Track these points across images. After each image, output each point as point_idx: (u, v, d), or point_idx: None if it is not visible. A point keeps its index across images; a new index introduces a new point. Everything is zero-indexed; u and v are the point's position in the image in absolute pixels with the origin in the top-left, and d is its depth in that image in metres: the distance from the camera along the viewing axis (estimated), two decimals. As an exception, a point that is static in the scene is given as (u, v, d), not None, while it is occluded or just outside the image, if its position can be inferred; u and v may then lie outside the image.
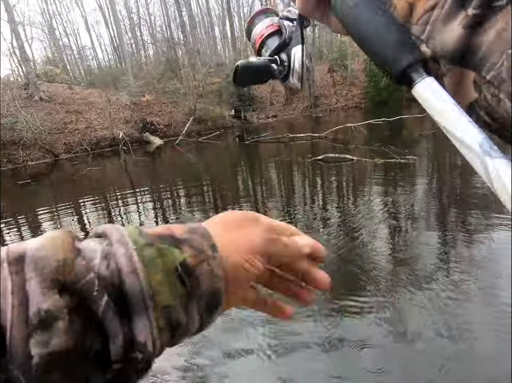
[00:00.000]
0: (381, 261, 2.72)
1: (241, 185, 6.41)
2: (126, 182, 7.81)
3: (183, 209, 5.07)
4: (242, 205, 4.82)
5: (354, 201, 4.44)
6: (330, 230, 3.53)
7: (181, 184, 6.87)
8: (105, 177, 9.06)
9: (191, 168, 8.98)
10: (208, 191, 6.11)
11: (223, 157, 10.53)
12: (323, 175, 5.85)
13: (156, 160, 11.84)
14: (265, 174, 6.96)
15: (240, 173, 7.66)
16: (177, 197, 5.85)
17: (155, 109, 17.59)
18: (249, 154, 10.11)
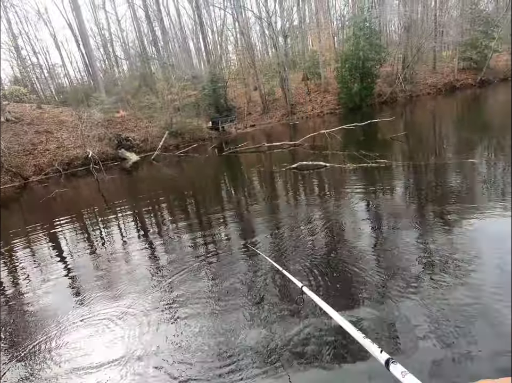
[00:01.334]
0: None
1: (220, 197, 6.32)
2: (100, 202, 7.51)
3: (162, 225, 4.90)
4: (221, 215, 4.72)
5: (326, 205, 4.45)
6: (307, 232, 3.50)
7: (158, 199, 6.68)
8: (76, 198, 8.69)
9: (168, 183, 8.80)
10: (186, 204, 5.97)
11: (201, 169, 10.40)
12: (298, 182, 5.87)
13: (133, 176, 11.54)
14: (243, 185, 6.91)
15: (218, 185, 7.57)
16: (154, 212, 5.67)
17: (130, 124, 17.26)
18: (227, 165, 10.05)
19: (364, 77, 20.13)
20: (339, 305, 2.30)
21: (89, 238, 4.87)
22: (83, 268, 3.77)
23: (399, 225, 3.44)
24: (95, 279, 3.38)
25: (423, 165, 5.65)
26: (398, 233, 3.28)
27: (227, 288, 2.76)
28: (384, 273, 2.57)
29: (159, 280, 3.10)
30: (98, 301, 2.92)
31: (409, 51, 21.83)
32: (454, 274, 2.41)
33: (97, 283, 3.28)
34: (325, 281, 2.60)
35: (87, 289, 3.20)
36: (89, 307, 2.85)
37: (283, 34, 23.26)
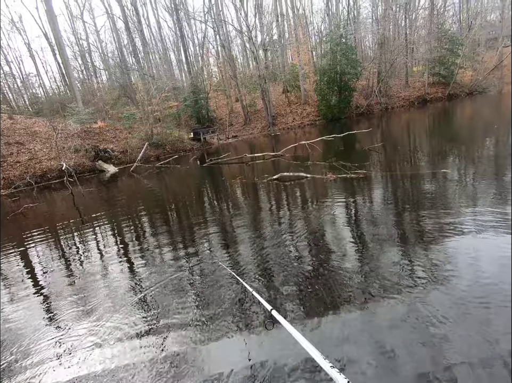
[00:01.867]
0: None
1: (199, 210, 6.19)
2: (74, 216, 7.15)
3: (138, 239, 4.70)
4: (200, 230, 4.61)
5: (306, 217, 4.46)
6: (287, 242, 3.47)
7: (135, 212, 6.46)
8: (49, 212, 8.25)
9: (147, 195, 8.56)
10: (164, 218, 5.80)
11: (181, 181, 10.23)
12: (279, 194, 5.88)
13: (110, 189, 11.15)
14: (223, 197, 6.83)
15: (198, 197, 7.44)
16: (131, 226, 5.45)
17: (108, 135, 16.83)
18: (208, 176, 9.95)
19: (341, 90, 20.90)
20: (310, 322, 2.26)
21: (60, 255, 4.59)
22: (52, 285, 3.53)
23: (378, 236, 3.49)
24: (66, 297, 3.16)
25: (399, 175, 5.84)
26: (377, 243, 3.32)
27: (195, 309, 2.66)
28: (366, 294, 2.57)
29: (130, 296, 2.94)
30: (69, 319, 2.73)
31: (383, 66, 22.96)
32: (432, 279, 2.46)
33: (68, 301, 3.06)
34: (297, 300, 2.57)
35: (56, 307, 2.98)
36: (59, 326, 2.65)
37: (263, 48, 23.81)
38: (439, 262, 2.75)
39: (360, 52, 29.95)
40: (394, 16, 26.39)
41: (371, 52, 31.13)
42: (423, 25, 29.55)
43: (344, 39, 20.72)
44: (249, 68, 33.15)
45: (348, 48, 20.70)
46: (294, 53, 29.79)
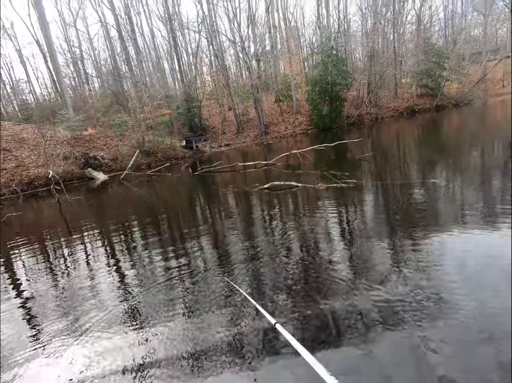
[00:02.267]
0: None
1: (189, 219, 6.10)
2: (60, 225, 6.96)
3: (127, 249, 4.57)
4: (190, 240, 4.52)
5: (297, 226, 4.43)
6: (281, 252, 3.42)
7: (124, 221, 6.32)
8: (33, 222, 8.01)
9: (136, 203, 8.41)
10: (153, 227, 5.68)
11: (172, 189, 10.12)
12: (269, 203, 5.84)
13: (99, 197, 10.94)
14: (214, 206, 6.76)
15: (189, 206, 7.35)
16: (119, 236, 5.31)
17: (99, 143, 16.63)
18: (200, 185, 9.87)
19: (333, 100, 21.27)
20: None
21: (44, 266, 4.42)
22: (34, 299, 3.37)
23: (368, 245, 3.48)
24: (49, 310, 3.02)
25: (390, 185, 5.89)
26: (367, 252, 3.30)
27: (196, 323, 2.58)
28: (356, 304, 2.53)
29: (121, 310, 2.83)
30: (53, 332, 2.60)
31: (373, 78, 23.52)
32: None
33: (52, 313, 2.92)
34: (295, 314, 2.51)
35: (40, 321, 2.84)
36: (41, 340, 2.52)
37: (256, 58, 24.16)
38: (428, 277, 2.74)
39: (351, 64, 30.68)
40: (383, 30, 27.26)
41: (361, 64, 31.94)
42: (411, 39, 30.61)
43: (335, 51, 21.20)
44: (242, 78, 33.53)
45: (339, 60, 21.18)
46: (286, 64, 30.33)
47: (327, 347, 2.05)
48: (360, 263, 3.12)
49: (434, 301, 2.34)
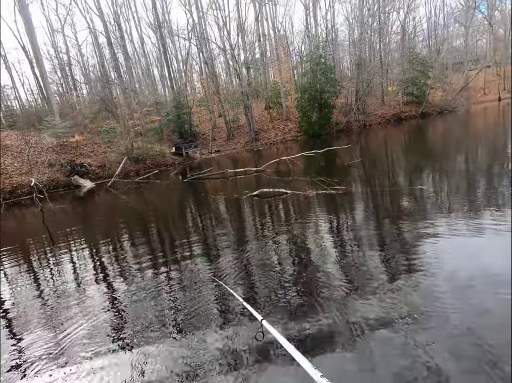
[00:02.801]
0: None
1: (176, 227, 5.99)
2: (42, 235, 6.72)
3: (113, 257, 4.43)
4: (177, 247, 4.42)
5: (285, 233, 4.40)
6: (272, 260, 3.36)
7: (109, 230, 6.15)
8: (14, 231, 7.72)
9: (123, 212, 8.23)
10: (138, 235, 5.54)
11: (160, 197, 9.96)
12: (258, 210, 5.79)
13: (85, 205, 10.68)
14: (201, 214, 6.67)
15: (176, 214, 7.23)
16: (105, 245, 5.14)
17: (86, 150, 16.31)
18: (188, 192, 9.76)
19: (322, 107, 21.58)
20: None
21: (24, 277, 4.22)
22: (15, 311, 3.20)
23: (355, 254, 3.46)
24: (31, 322, 2.86)
25: (378, 191, 5.94)
26: (354, 263, 3.28)
27: (185, 321, 2.55)
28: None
29: (110, 320, 2.70)
30: (31, 347, 2.45)
31: (360, 86, 24.02)
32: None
33: (35, 325, 2.77)
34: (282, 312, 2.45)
35: (24, 333, 2.68)
36: (23, 351, 2.36)
37: (246, 66, 24.37)
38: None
39: (339, 72, 31.31)
40: (369, 39, 28.01)
41: (349, 72, 32.63)
42: (396, 48, 31.56)
43: (323, 59, 21.61)
44: (233, 85, 33.72)
45: (327, 68, 21.57)
46: (276, 71, 30.71)
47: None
48: (349, 276, 3.09)
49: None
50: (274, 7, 32.09)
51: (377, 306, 2.42)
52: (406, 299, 2.46)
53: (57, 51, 31.98)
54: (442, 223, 3.92)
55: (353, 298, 2.58)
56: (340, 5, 38.02)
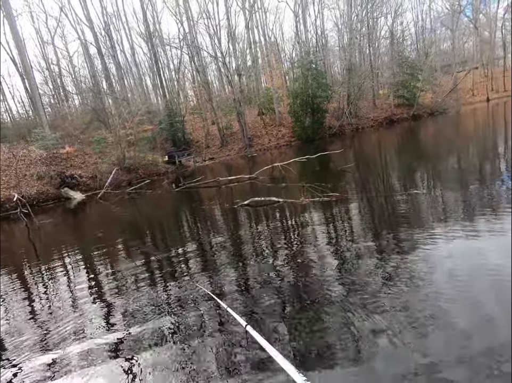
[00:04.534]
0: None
1: (164, 239, 5.79)
2: (27, 253, 6.46)
3: (101, 275, 4.21)
4: (164, 258, 4.22)
5: (277, 245, 4.23)
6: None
7: (96, 245, 5.92)
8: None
9: (112, 224, 8.00)
10: (127, 248, 5.33)
11: (151, 208, 9.75)
12: (249, 220, 5.60)
13: (73, 218, 10.41)
14: (191, 225, 6.48)
15: (165, 226, 7.03)
16: (92, 262, 4.92)
17: (76, 161, 16.06)
18: (179, 203, 9.55)
19: (314, 112, 21.64)
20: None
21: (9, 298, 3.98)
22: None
23: (349, 264, 3.31)
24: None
25: (374, 197, 5.82)
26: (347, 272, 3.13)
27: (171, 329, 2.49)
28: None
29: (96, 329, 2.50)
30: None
31: (352, 90, 24.20)
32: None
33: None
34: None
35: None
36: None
37: (237, 73, 24.44)
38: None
39: (330, 77, 31.59)
40: (359, 44, 28.35)
41: (340, 77, 32.92)
42: (386, 52, 32.02)
43: (314, 65, 21.76)
44: (225, 92, 33.80)
45: (318, 73, 21.70)
46: (267, 78, 30.87)
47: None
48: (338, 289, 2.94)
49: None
50: (264, 15, 32.56)
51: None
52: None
53: (48, 62, 31.84)
54: (439, 230, 3.79)
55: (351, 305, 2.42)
56: (329, 11, 38.70)
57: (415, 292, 2.57)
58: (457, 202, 4.76)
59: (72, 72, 33.83)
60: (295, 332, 2.29)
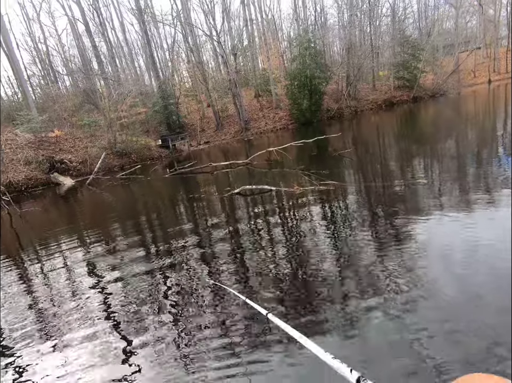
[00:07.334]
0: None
1: (146, 231, 5.54)
2: (10, 242, 6.21)
3: (91, 265, 3.98)
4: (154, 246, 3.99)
5: (264, 238, 4.00)
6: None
7: (81, 231, 5.67)
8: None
9: (99, 211, 7.72)
10: (107, 238, 5.08)
11: (139, 194, 9.44)
12: (237, 210, 5.27)
13: (60, 205, 10.09)
14: (177, 214, 6.22)
15: (151, 215, 6.77)
16: (78, 252, 4.68)
17: (66, 145, 15.54)
18: (168, 190, 9.23)
19: (312, 94, 20.95)
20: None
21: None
22: None
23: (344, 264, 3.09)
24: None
25: (373, 186, 5.52)
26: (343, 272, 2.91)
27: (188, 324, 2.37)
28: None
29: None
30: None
31: (351, 71, 23.41)
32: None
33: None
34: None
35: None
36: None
37: (233, 53, 23.45)
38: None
39: (329, 57, 30.53)
40: (359, 22, 27.16)
41: (339, 57, 31.84)
42: (387, 31, 30.80)
43: (313, 43, 20.86)
44: (221, 73, 32.67)
45: (317, 52, 20.86)
46: (264, 58, 29.75)
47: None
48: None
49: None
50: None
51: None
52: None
53: (35, 41, 30.36)
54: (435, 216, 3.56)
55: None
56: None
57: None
58: (458, 190, 4.51)
59: (61, 51, 32.33)
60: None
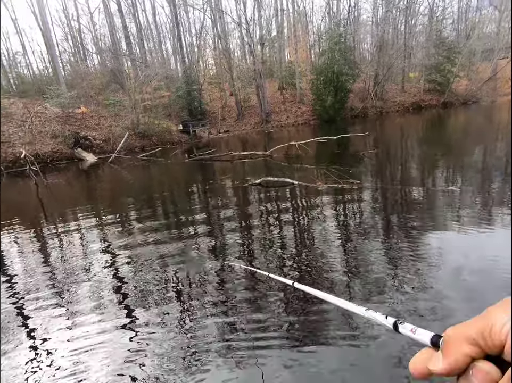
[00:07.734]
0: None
1: (163, 212, 5.63)
2: (35, 209, 6.47)
3: (111, 237, 4.12)
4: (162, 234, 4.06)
5: (285, 233, 3.98)
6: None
7: (101, 209, 5.85)
8: (7, 204, 7.51)
9: (120, 189, 7.92)
10: (124, 218, 5.21)
11: (161, 176, 9.58)
12: (258, 202, 5.21)
13: (83, 180, 10.40)
14: (194, 202, 6.27)
15: (169, 197, 6.86)
16: (99, 224, 4.83)
17: (91, 122, 15.94)
18: (188, 175, 9.31)
19: (338, 91, 20.47)
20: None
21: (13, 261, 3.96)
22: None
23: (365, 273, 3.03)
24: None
25: (399, 189, 5.36)
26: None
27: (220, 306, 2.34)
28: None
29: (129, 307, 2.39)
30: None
31: (380, 70, 22.65)
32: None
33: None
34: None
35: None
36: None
37: (261, 43, 23.14)
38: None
39: (358, 54, 29.62)
40: (394, 19, 26.11)
41: (368, 55, 30.82)
42: (422, 31, 29.44)
43: (343, 38, 20.26)
44: (246, 63, 32.36)
45: (347, 48, 20.27)
46: (291, 50, 29.20)
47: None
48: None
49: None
50: (295, -21, 30.06)
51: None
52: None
53: (68, 18, 30.93)
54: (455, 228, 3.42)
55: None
56: (366, -20, 35.51)
57: None
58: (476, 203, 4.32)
59: (92, 30, 32.84)
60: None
